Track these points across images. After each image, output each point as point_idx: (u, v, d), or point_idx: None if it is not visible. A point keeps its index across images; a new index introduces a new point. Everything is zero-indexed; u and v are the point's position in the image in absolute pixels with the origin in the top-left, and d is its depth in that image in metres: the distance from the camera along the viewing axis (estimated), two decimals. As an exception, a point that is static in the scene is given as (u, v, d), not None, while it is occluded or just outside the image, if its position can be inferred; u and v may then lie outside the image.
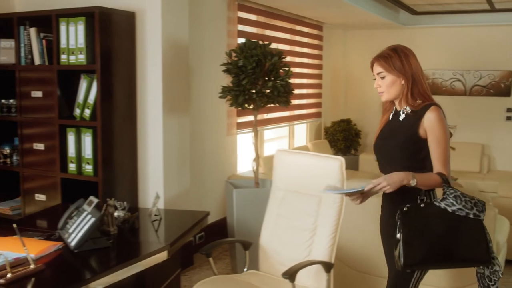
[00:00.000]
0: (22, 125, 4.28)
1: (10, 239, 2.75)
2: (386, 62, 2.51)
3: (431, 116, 2.43)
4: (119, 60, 4.01)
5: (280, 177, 3.26)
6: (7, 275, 2.24)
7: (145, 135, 4.19)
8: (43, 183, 4.23)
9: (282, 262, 3.09)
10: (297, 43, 7.23)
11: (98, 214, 2.68)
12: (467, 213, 2.32)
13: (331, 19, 7.71)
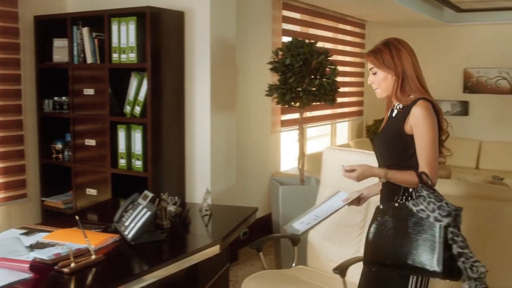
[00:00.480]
0: (74, 122, 4.41)
1: (70, 231, 2.87)
2: (375, 58, 2.42)
3: (417, 111, 2.30)
4: (168, 58, 4.10)
5: (329, 174, 3.29)
6: (71, 264, 2.34)
7: (192, 132, 4.28)
8: (94, 178, 4.36)
9: (331, 258, 3.13)
10: (340, 41, 7.23)
11: (154, 208, 2.76)
12: (428, 215, 2.16)
13: (374, 17, 7.67)
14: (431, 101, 2.36)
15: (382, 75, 2.40)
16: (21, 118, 4.50)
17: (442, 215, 2.13)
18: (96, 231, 2.88)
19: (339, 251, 3.11)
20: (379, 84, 2.43)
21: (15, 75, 4.43)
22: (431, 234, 2.14)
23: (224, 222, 3.45)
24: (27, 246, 2.66)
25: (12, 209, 4.54)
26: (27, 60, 4.51)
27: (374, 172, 2.39)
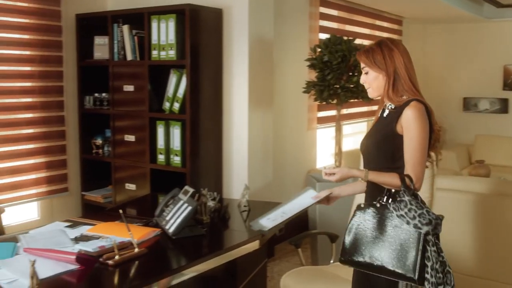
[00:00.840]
0: (114, 118, 4.50)
1: (112, 224, 2.93)
2: (367, 57, 2.37)
3: (409, 112, 2.26)
4: (207, 55, 4.14)
5: (367, 171, 3.26)
6: (115, 257, 2.40)
7: (230, 128, 4.31)
8: (133, 173, 4.43)
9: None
10: (377, 38, 7.14)
11: (195, 203, 2.80)
12: (408, 221, 2.14)
13: (411, 13, 7.58)
14: (424, 103, 2.33)
15: (373, 74, 2.37)
16: (63, 114, 4.62)
17: (422, 223, 2.12)
18: (138, 225, 2.94)
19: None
20: (370, 83, 2.40)
21: (58, 72, 4.54)
22: (409, 240, 2.13)
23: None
24: (72, 238, 2.73)
25: (54, 203, 4.66)
26: (69, 58, 4.62)
27: (354, 174, 2.37)
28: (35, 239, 2.71)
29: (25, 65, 4.31)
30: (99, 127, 4.74)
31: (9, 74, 4.21)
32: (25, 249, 2.55)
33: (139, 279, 2.33)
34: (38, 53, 4.37)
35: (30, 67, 4.34)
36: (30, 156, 4.41)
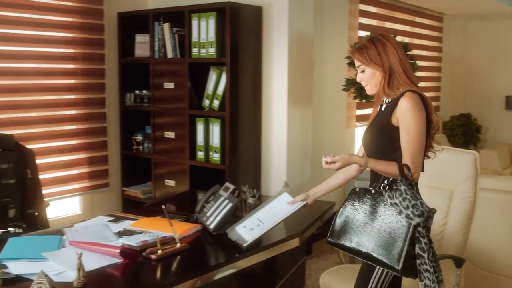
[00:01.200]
0: (155, 115, 4.56)
1: (154, 219, 2.98)
2: (361, 54, 2.36)
3: (404, 102, 2.25)
4: (246, 53, 4.16)
5: (408, 170, 3.23)
6: (158, 251, 2.44)
7: (269, 126, 4.32)
8: (173, 170, 4.49)
9: (409, 255, 3.08)
10: (416, 35, 7.08)
11: (236, 200, 2.82)
12: (401, 210, 2.12)
13: (453, 10, 7.45)
14: (420, 93, 2.31)
15: (370, 71, 2.36)
16: (104, 111, 4.71)
17: (414, 213, 2.09)
18: (179, 220, 2.98)
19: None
20: (368, 81, 2.39)
21: (100, 69, 4.63)
22: (398, 230, 2.12)
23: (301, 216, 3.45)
24: (115, 232, 2.78)
25: (95, 198, 4.75)
26: (111, 55, 4.71)
27: (355, 160, 2.37)
28: (79, 233, 2.77)
29: (68, 63, 4.41)
30: (140, 123, 4.81)
31: (53, 71, 4.31)
32: (71, 242, 2.61)
33: (181, 274, 2.36)
34: (81, 51, 4.47)
35: (73, 64, 4.44)
36: (73, 152, 4.51)
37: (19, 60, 4.10)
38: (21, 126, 4.15)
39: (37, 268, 2.19)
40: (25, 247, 2.53)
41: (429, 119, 2.31)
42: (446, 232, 3.01)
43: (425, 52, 7.37)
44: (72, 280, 2.15)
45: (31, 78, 4.18)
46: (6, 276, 2.17)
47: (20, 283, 2.18)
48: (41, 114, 4.26)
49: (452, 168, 3.00)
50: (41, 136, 4.28)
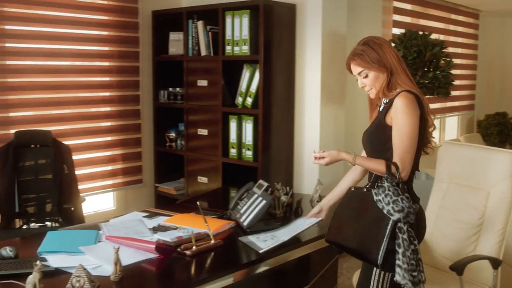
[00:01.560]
0: (188, 112, 4.59)
1: (188, 216, 3.01)
2: (362, 59, 2.34)
3: (397, 102, 2.24)
4: (280, 50, 4.15)
5: (444, 169, 3.20)
6: (193, 247, 2.46)
7: (302, 123, 4.31)
8: (205, 166, 4.51)
9: (445, 255, 3.05)
10: (451, 32, 6.97)
11: (269, 197, 2.83)
12: (383, 206, 2.14)
13: (489, 6, 7.31)
14: (416, 94, 2.29)
15: (374, 75, 2.35)
16: (139, 108, 4.76)
17: (394, 209, 2.11)
18: (213, 217, 2.99)
19: (453, 248, 3.03)
20: (372, 85, 2.37)
21: (135, 67, 4.69)
22: (381, 226, 2.14)
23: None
24: (150, 228, 2.82)
25: (129, 194, 4.82)
26: (145, 53, 4.76)
27: (343, 157, 2.41)
28: (115, 228, 2.81)
29: (104, 61, 4.47)
30: (173, 121, 4.86)
31: (89, 69, 4.39)
32: (107, 237, 2.65)
33: (215, 270, 2.38)
34: (116, 49, 4.53)
35: (108, 62, 4.50)
36: (108, 148, 4.58)
37: (56, 58, 4.18)
38: (58, 123, 4.24)
39: (75, 262, 2.23)
40: (63, 241, 2.59)
41: (425, 118, 2.31)
42: (482, 232, 2.96)
43: (460, 49, 7.25)
44: (109, 274, 2.19)
45: (68, 75, 4.26)
46: (46, 268, 2.22)
47: (59, 275, 2.23)
48: (77, 111, 4.34)
49: (489, 168, 2.95)
50: (77, 132, 4.36)
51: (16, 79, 3.99)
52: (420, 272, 2.14)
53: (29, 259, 2.34)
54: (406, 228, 2.11)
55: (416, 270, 2.12)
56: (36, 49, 4.06)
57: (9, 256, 2.38)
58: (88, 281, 2.02)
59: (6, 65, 3.92)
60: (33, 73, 4.07)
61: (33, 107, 4.11)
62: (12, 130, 3.90)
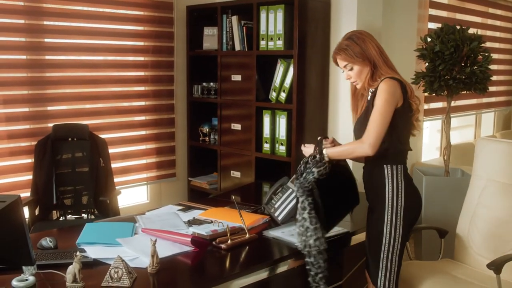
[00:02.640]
0: (222, 107, 4.61)
1: (223, 210, 3.03)
2: (347, 54, 2.53)
3: (380, 86, 2.45)
4: (314, 46, 4.13)
5: (482, 166, 3.14)
6: (228, 241, 2.48)
7: (336, 119, 4.29)
8: (239, 161, 4.53)
9: (481, 253, 3.00)
10: (489, 26, 6.83)
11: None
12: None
13: (528, 0, 7.14)
14: (399, 79, 2.49)
15: (358, 68, 2.54)
16: (173, 102, 4.81)
17: (296, 186, 2.44)
18: (247, 211, 3.01)
19: (490, 246, 2.97)
20: (358, 77, 2.56)
21: (169, 62, 4.73)
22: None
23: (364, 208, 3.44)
24: (185, 221, 2.85)
25: (163, 187, 4.87)
26: (180, 48, 4.79)
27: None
28: (151, 221, 2.85)
29: (139, 55, 4.52)
30: (207, 115, 4.88)
31: (124, 64, 4.44)
32: (143, 229, 2.69)
33: (250, 264, 2.39)
34: (151, 43, 4.58)
35: (143, 57, 4.55)
36: (142, 142, 4.64)
37: (93, 53, 4.24)
38: (95, 117, 4.30)
39: (112, 253, 2.27)
40: (100, 233, 2.64)
41: (408, 102, 2.50)
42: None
43: (498, 44, 7.10)
44: (146, 266, 2.23)
45: (104, 70, 4.32)
46: (85, 259, 2.27)
47: (97, 266, 2.28)
48: (113, 105, 4.40)
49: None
50: (113, 126, 4.42)
51: (54, 74, 4.06)
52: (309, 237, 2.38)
53: (68, 249, 2.40)
54: (300, 200, 2.42)
55: (304, 235, 2.39)
56: (73, 44, 4.13)
57: (49, 246, 2.44)
58: (126, 273, 2.06)
59: (45, 60, 4.00)
60: (70, 68, 4.14)
61: (70, 101, 4.18)
62: (50, 124, 3.98)
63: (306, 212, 2.40)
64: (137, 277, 2.14)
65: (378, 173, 2.57)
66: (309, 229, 2.39)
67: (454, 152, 5.20)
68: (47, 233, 2.69)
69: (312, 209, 2.41)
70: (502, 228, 2.97)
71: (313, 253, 2.38)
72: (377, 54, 2.54)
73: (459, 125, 7.09)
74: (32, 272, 2.11)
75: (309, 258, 2.39)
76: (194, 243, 2.44)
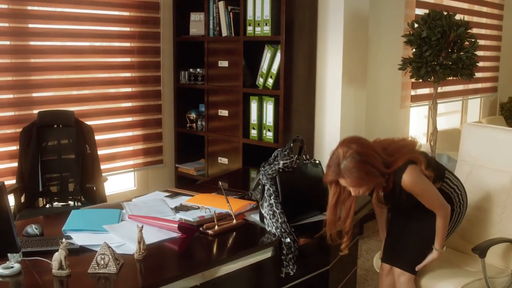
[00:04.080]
0: (209, 93, 4.59)
1: (210, 196, 3.02)
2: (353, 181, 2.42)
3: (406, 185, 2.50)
4: (301, 31, 4.12)
5: (467, 151, 3.16)
6: (215, 227, 2.47)
7: (323, 105, 4.29)
8: (226, 147, 4.52)
9: (467, 238, 3.03)
10: (476, 13, 6.84)
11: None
12: None
13: (514, -13, 7.16)
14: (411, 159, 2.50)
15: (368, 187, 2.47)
16: (159, 88, 4.77)
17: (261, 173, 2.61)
18: (234, 197, 3.01)
19: (476, 231, 3.00)
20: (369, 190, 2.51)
21: (156, 47, 4.69)
22: None
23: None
24: (172, 208, 2.84)
25: (150, 174, 4.86)
26: (166, 34, 4.75)
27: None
28: (138, 207, 2.84)
29: (125, 41, 4.48)
30: (194, 101, 4.86)
31: (110, 50, 4.40)
32: (130, 216, 2.68)
33: (238, 249, 2.39)
34: (137, 29, 4.53)
35: (129, 43, 4.51)
36: (129, 128, 4.61)
37: (78, 39, 4.19)
38: (80, 103, 4.27)
39: (99, 240, 2.26)
40: (87, 220, 2.62)
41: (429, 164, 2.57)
42: (505, 215, 2.93)
43: (484, 30, 7.12)
44: (133, 253, 2.22)
45: (89, 56, 4.28)
46: (71, 246, 2.26)
47: (84, 253, 2.26)
48: (99, 91, 4.37)
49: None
50: (99, 113, 4.39)
51: (38, 60, 4.01)
52: (278, 220, 2.48)
53: (54, 236, 2.38)
54: (266, 187, 2.56)
55: (273, 219, 2.50)
56: (58, 30, 4.08)
57: (35, 233, 2.43)
58: (112, 259, 2.05)
59: (29, 46, 3.95)
60: (55, 54, 4.09)
61: (56, 87, 4.14)
62: (35, 110, 3.94)
63: (272, 198, 2.54)
64: (123, 264, 2.13)
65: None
66: (276, 212, 2.51)
67: (441, 137, 5.24)
68: (33, 221, 2.67)
69: (277, 196, 2.55)
70: (487, 213, 3.00)
71: (284, 235, 2.45)
72: (381, 161, 2.42)
73: (446, 111, 7.13)
74: (17, 260, 2.10)
75: (282, 239, 2.47)
76: (181, 229, 2.44)
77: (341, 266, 3.24)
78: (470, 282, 2.66)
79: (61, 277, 2.01)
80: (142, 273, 2.15)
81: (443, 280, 2.70)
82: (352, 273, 3.49)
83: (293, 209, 2.62)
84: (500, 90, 7.79)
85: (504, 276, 2.80)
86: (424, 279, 2.73)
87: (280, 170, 2.60)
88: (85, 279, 2.02)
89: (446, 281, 2.68)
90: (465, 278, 2.69)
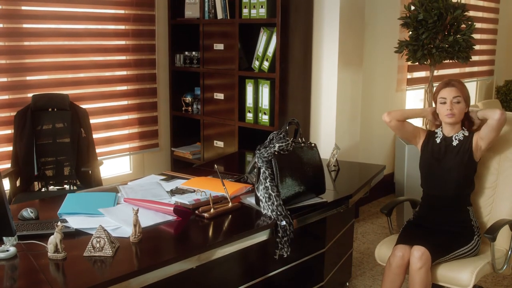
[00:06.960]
0: (204, 76, 4.57)
1: (206, 179, 3.02)
2: (463, 89, 2.86)
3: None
4: (297, 13, 4.09)
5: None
6: (211, 210, 2.47)
7: (319, 88, 4.28)
8: (222, 131, 4.51)
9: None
10: (474, -5, 6.81)
11: (286, 161, 2.82)
12: None
13: (512, -31, 7.12)
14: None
15: (464, 106, 2.86)
16: (155, 72, 4.75)
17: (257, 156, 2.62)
18: (230, 180, 3.00)
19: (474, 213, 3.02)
20: (459, 112, 2.85)
21: (151, 30, 4.66)
22: None
23: (350, 178, 3.46)
24: (168, 191, 2.83)
25: (145, 158, 4.85)
26: (161, 16, 4.72)
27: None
28: (133, 190, 2.83)
29: (119, 24, 4.44)
30: (189, 85, 4.84)
31: (105, 32, 4.36)
32: (126, 199, 2.68)
33: (233, 232, 2.39)
34: (132, 12, 4.49)
35: (124, 25, 4.47)
36: (124, 112, 4.59)
37: (72, 21, 4.15)
38: (75, 87, 4.24)
39: (94, 223, 2.26)
40: (82, 203, 2.62)
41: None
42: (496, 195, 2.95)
43: (481, 13, 7.09)
44: (128, 236, 2.22)
45: (84, 39, 4.24)
46: (67, 229, 2.25)
47: (79, 236, 2.26)
48: (94, 74, 4.34)
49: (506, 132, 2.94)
50: (94, 96, 4.36)
51: (32, 43, 3.98)
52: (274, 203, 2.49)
53: (49, 220, 2.38)
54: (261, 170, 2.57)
55: (269, 201, 2.51)
56: (52, 12, 4.04)
57: (30, 217, 2.42)
58: (108, 242, 2.05)
59: (22, 29, 3.91)
60: (49, 37, 4.05)
61: (50, 71, 4.11)
62: (29, 94, 3.91)
63: (268, 181, 2.54)
64: (119, 247, 2.13)
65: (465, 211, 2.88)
66: (272, 195, 2.51)
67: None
68: (29, 204, 2.66)
69: (273, 179, 2.56)
70: (478, 195, 3.01)
71: (280, 217, 2.46)
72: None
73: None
74: (13, 243, 2.09)
75: (278, 221, 2.48)
76: (177, 212, 2.44)
77: (337, 249, 3.27)
78: (482, 266, 2.70)
79: (56, 260, 2.01)
80: (138, 256, 2.15)
81: (456, 270, 2.69)
82: (348, 256, 3.52)
83: (288, 192, 2.62)
84: (496, 74, 7.78)
85: (502, 256, 2.85)
86: (439, 271, 2.72)
87: (276, 153, 2.60)
88: (81, 262, 2.02)
89: (462, 271, 2.67)
90: (475, 263, 2.71)
